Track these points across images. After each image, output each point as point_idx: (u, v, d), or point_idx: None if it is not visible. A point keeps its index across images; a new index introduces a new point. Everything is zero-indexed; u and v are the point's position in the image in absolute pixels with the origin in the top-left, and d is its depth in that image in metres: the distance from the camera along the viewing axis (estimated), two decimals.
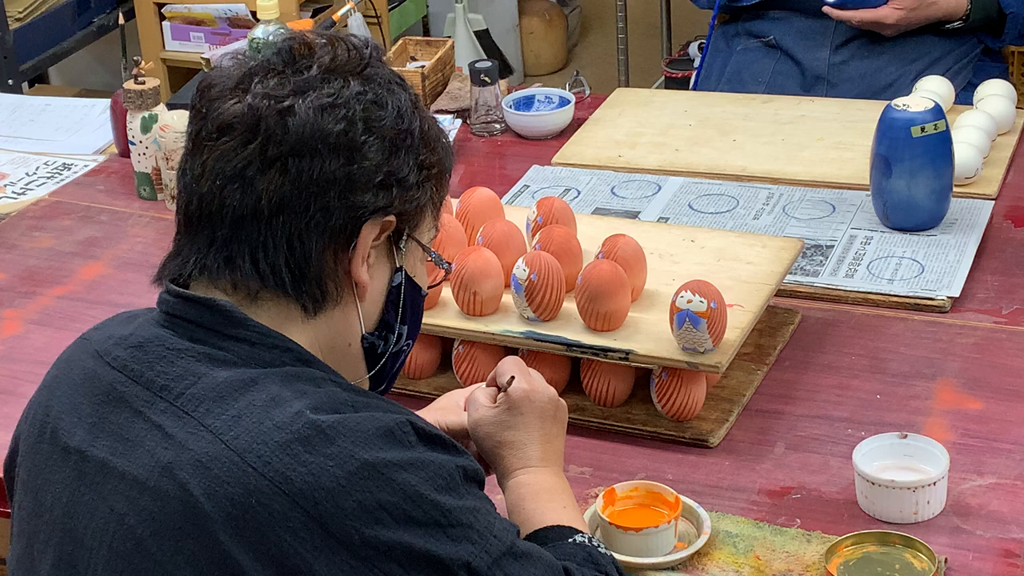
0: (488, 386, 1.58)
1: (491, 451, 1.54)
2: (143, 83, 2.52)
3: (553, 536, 1.44)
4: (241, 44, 2.75)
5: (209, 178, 1.32)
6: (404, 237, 1.38)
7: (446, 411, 1.62)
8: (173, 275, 1.36)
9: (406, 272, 1.40)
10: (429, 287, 1.48)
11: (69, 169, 2.72)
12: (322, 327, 1.36)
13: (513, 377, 1.55)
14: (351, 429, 1.25)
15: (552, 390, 1.57)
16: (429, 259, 1.44)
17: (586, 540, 1.44)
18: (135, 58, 2.60)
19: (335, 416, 1.26)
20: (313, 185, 1.31)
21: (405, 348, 1.45)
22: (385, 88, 1.35)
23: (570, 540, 1.44)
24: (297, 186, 1.30)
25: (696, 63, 3.25)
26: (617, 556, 1.56)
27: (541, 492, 1.50)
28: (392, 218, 1.35)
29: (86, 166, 2.73)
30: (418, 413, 1.41)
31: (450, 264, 1.52)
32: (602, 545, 1.46)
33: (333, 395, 1.29)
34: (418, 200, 1.37)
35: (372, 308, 1.39)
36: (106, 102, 2.82)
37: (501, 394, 1.55)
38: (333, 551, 1.22)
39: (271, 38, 2.50)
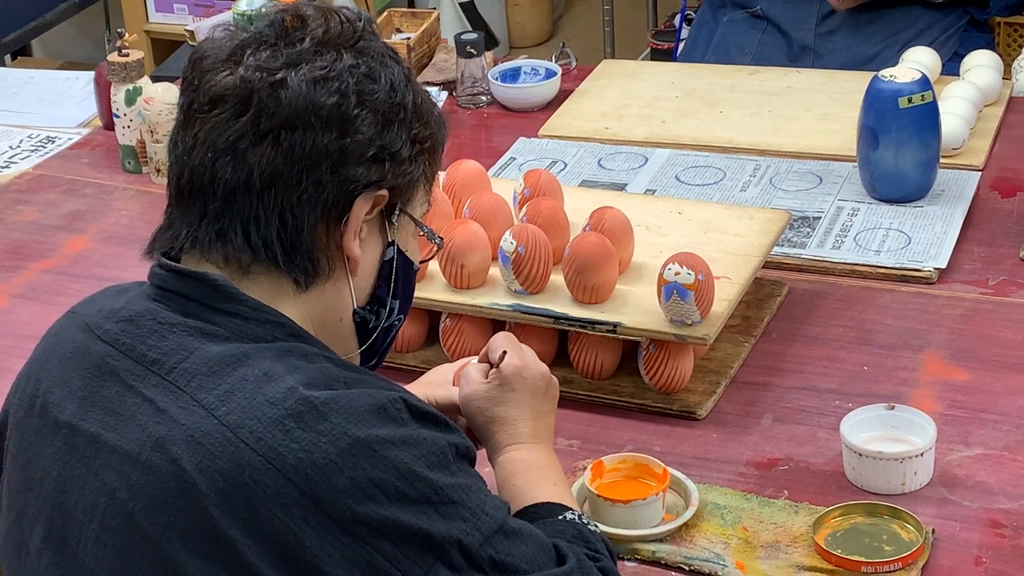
0: (480, 361, 1.58)
1: (482, 426, 1.54)
2: (127, 55, 2.51)
3: (543, 513, 1.44)
4: (226, 16, 2.74)
5: (201, 150, 1.31)
6: (396, 211, 1.37)
7: (434, 385, 1.62)
8: (164, 248, 1.35)
9: (398, 246, 1.40)
10: (420, 262, 1.47)
11: (53, 142, 2.71)
12: (314, 301, 1.35)
13: (505, 352, 1.54)
14: (344, 406, 1.25)
15: (544, 367, 1.57)
16: (421, 233, 1.44)
17: (576, 517, 1.44)
18: (119, 30, 2.58)
19: (328, 392, 1.25)
20: (305, 158, 1.30)
21: (396, 323, 1.44)
22: (378, 61, 1.34)
23: (560, 517, 1.43)
24: (289, 159, 1.29)
25: (682, 34, 3.24)
26: (605, 528, 1.56)
27: (531, 469, 1.50)
28: (385, 192, 1.34)
29: (70, 139, 2.72)
30: (406, 387, 1.41)
31: (442, 239, 1.51)
32: (592, 522, 1.46)
33: (326, 371, 1.28)
34: (411, 174, 1.36)
35: (364, 283, 1.38)
36: (90, 75, 2.81)
37: (493, 370, 1.55)
38: (325, 527, 1.22)
39: (264, 9, 2.49)
